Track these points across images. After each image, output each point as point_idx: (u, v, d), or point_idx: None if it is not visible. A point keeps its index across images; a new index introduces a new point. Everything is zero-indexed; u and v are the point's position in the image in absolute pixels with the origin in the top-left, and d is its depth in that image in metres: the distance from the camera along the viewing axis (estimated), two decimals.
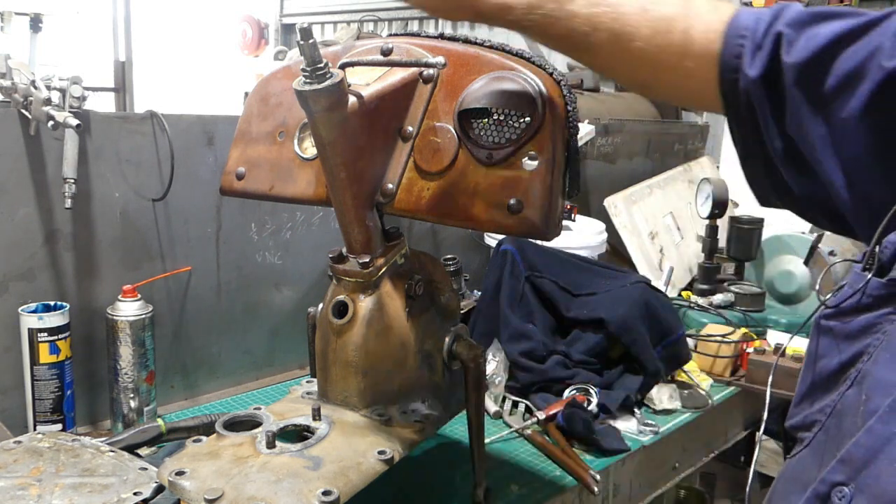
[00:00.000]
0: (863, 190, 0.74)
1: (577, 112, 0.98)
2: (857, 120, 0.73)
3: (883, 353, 0.64)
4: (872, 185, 0.73)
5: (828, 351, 0.71)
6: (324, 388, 1.07)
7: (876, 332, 0.66)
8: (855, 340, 0.68)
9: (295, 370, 1.76)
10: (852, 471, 0.62)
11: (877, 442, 0.61)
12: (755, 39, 0.79)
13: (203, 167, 1.52)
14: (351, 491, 0.89)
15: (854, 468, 0.62)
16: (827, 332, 0.72)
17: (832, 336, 0.71)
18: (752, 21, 0.81)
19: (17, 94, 1.25)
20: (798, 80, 0.76)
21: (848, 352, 0.68)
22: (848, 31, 0.74)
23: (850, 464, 0.62)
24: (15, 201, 1.29)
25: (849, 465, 0.63)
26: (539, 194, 0.93)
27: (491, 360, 1.55)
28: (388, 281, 1.04)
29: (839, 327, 0.71)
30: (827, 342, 0.72)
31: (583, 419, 1.39)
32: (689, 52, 0.83)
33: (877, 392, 0.63)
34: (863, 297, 0.68)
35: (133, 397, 1.36)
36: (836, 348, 0.70)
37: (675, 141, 3.17)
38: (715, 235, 2.37)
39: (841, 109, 0.74)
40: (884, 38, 0.72)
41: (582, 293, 1.66)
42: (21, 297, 1.31)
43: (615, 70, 0.90)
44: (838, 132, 0.74)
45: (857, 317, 0.69)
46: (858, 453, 0.62)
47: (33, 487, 1.01)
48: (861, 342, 0.67)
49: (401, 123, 1.02)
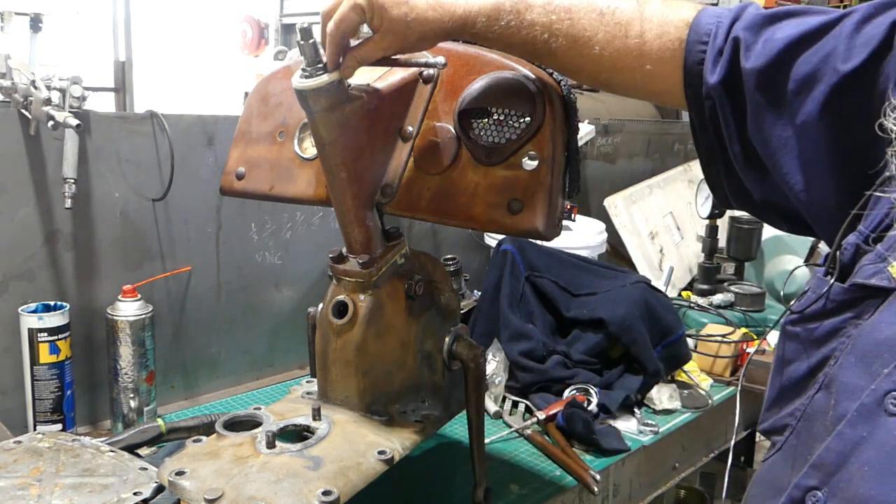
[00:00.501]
0: (821, 193, 0.75)
1: (577, 112, 0.98)
2: (814, 122, 0.73)
3: (849, 356, 0.65)
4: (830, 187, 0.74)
5: (795, 356, 0.72)
6: (324, 388, 1.07)
7: (841, 337, 0.67)
8: (821, 345, 0.69)
9: (295, 370, 1.76)
10: (824, 475, 0.63)
11: (846, 446, 0.61)
12: (715, 45, 0.80)
13: (203, 167, 1.52)
14: (351, 491, 0.89)
15: (826, 473, 0.63)
16: (793, 337, 0.73)
17: (798, 341, 0.72)
18: (714, 24, 0.81)
19: (17, 94, 1.25)
20: (758, 86, 0.77)
21: (815, 357, 0.69)
22: (805, 35, 0.75)
23: (822, 468, 0.63)
24: (15, 201, 1.29)
25: (821, 469, 0.63)
26: (539, 194, 0.93)
27: (491, 360, 1.55)
28: (388, 281, 1.04)
29: (805, 333, 0.71)
30: (793, 347, 0.72)
31: (583, 419, 1.39)
32: (647, 56, 0.84)
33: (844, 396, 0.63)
34: (826, 302, 0.69)
35: (133, 397, 1.36)
36: (803, 353, 0.71)
37: (675, 141, 3.17)
38: (715, 235, 2.37)
39: (799, 113, 0.74)
40: (838, 42, 0.72)
41: (582, 293, 1.66)
42: (21, 297, 1.31)
43: (578, 73, 0.91)
44: (797, 135, 0.75)
45: (822, 322, 0.69)
46: (829, 458, 0.63)
47: (33, 487, 1.01)
48: (827, 347, 0.68)
49: (401, 123, 1.02)
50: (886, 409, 0.59)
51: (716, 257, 2.40)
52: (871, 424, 0.60)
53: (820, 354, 0.68)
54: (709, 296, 2.28)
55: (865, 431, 0.60)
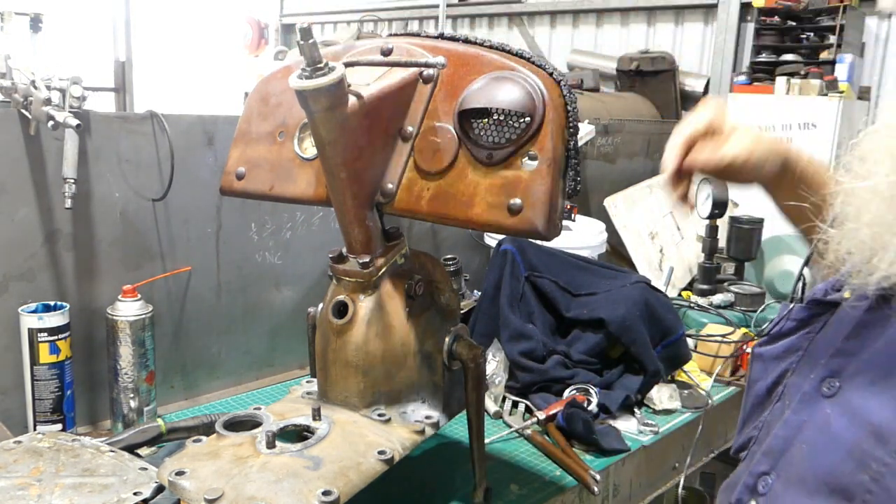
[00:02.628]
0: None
1: (577, 112, 0.98)
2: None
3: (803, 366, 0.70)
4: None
5: (760, 375, 0.77)
6: (324, 388, 1.07)
7: (797, 350, 0.73)
8: (780, 360, 0.75)
9: (295, 370, 1.76)
10: (773, 460, 0.68)
11: (790, 431, 0.67)
12: None
13: (203, 167, 1.52)
14: (351, 491, 0.89)
15: (774, 457, 0.68)
16: (758, 357, 0.79)
17: (762, 361, 0.78)
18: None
19: (17, 94, 1.25)
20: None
21: (775, 372, 0.75)
22: None
23: (771, 454, 0.69)
24: (15, 201, 1.29)
25: (769, 455, 0.70)
26: (539, 194, 0.93)
27: (491, 360, 1.55)
28: (388, 281, 1.04)
29: (768, 352, 0.77)
30: (759, 367, 0.78)
31: (583, 419, 1.39)
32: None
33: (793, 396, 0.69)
34: (787, 321, 0.76)
35: (133, 397, 1.36)
36: (765, 371, 0.76)
37: None
38: (715, 235, 2.37)
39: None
40: None
41: (582, 293, 1.66)
42: (21, 297, 1.31)
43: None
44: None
45: (783, 340, 0.75)
46: (777, 444, 0.69)
47: (33, 487, 1.01)
48: (786, 361, 0.74)
49: (401, 123, 1.02)
50: (822, 393, 0.65)
51: (716, 257, 2.40)
52: (811, 409, 0.65)
53: (780, 369, 0.74)
54: (709, 296, 2.28)
55: (806, 416, 0.66)
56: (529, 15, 6.35)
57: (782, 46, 4.96)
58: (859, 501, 0.58)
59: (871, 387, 0.61)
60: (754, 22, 5.07)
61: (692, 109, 1.02)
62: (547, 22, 6.27)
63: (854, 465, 0.59)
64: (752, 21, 5.09)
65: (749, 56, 5.08)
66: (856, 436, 0.60)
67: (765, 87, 4.65)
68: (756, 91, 4.59)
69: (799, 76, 4.57)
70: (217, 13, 8.01)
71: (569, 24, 6.15)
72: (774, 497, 0.66)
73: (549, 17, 6.24)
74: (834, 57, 4.64)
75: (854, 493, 0.58)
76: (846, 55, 4.60)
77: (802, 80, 4.40)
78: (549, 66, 0.99)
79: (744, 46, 5.14)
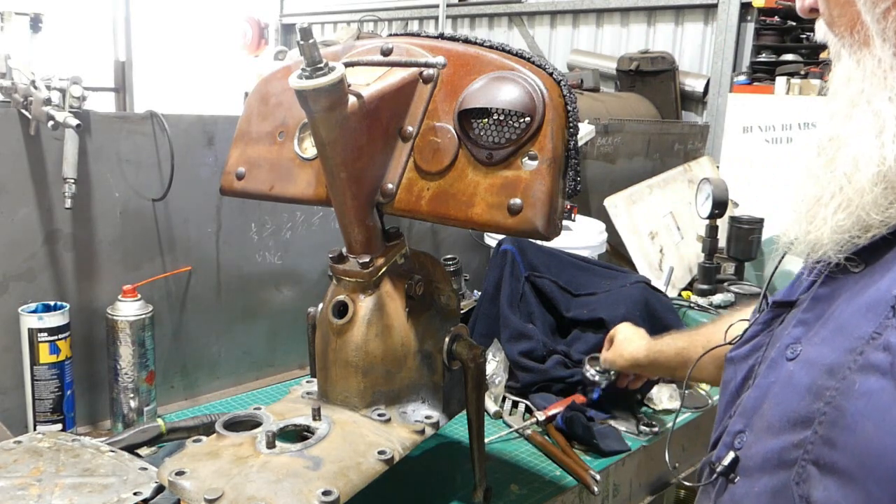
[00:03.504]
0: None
1: (577, 112, 0.98)
2: None
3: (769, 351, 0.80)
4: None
5: (731, 376, 0.86)
6: (324, 388, 1.07)
7: (762, 347, 0.82)
8: (748, 359, 0.84)
9: (295, 370, 1.76)
10: (746, 419, 0.77)
11: (761, 392, 0.76)
12: None
13: (203, 167, 1.52)
14: (351, 491, 0.89)
15: (747, 416, 0.77)
16: (730, 361, 0.88)
17: (733, 364, 0.87)
18: None
19: (17, 94, 1.25)
20: None
21: (744, 369, 0.84)
22: None
23: (745, 414, 0.77)
24: (15, 201, 1.29)
25: (744, 415, 0.78)
26: (539, 194, 0.93)
27: (491, 360, 1.55)
28: (388, 281, 1.04)
29: (737, 354, 0.87)
30: (730, 369, 0.87)
31: (583, 423, 1.39)
32: None
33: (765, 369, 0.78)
34: (754, 326, 0.86)
35: (133, 397, 1.36)
36: (735, 372, 0.85)
37: (675, 141, 3.18)
38: (715, 235, 2.37)
39: None
40: None
41: (582, 293, 1.66)
42: (21, 297, 1.31)
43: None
44: None
45: (750, 342, 0.85)
46: (749, 403, 0.77)
47: (33, 487, 1.01)
48: (752, 358, 0.83)
49: (401, 123, 1.02)
50: (786, 356, 0.74)
51: (716, 257, 2.40)
52: (777, 371, 0.75)
53: (747, 366, 0.83)
54: (709, 296, 2.28)
55: (773, 377, 0.75)
56: (529, 15, 6.35)
57: (782, 46, 4.96)
58: (816, 424, 0.66)
59: (825, 342, 0.70)
60: (754, 22, 5.07)
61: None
62: (547, 22, 6.27)
63: (811, 398, 0.67)
64: (752, 21, 5.09)
65: (749, 56, 5.08)
66: (812, 377, 0.68)
67: (765, 87, 4.65)
68: (756, 91, 4.59)
69: (799, 76, 4.57)
70: (217, 13, 8.01)
71: (569, 24, 6.15)
72: (748, 447, 0.75)
73: (549, 17, 6.24)
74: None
75: (811, 418, 0.66)
76: None
77: (802, 80, 4.40)
78: (549, 66, 0.99)
79: (744, 46, 5.14)
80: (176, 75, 7.08)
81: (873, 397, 0.62)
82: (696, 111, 5.38)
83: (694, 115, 5.37)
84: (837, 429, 0.64)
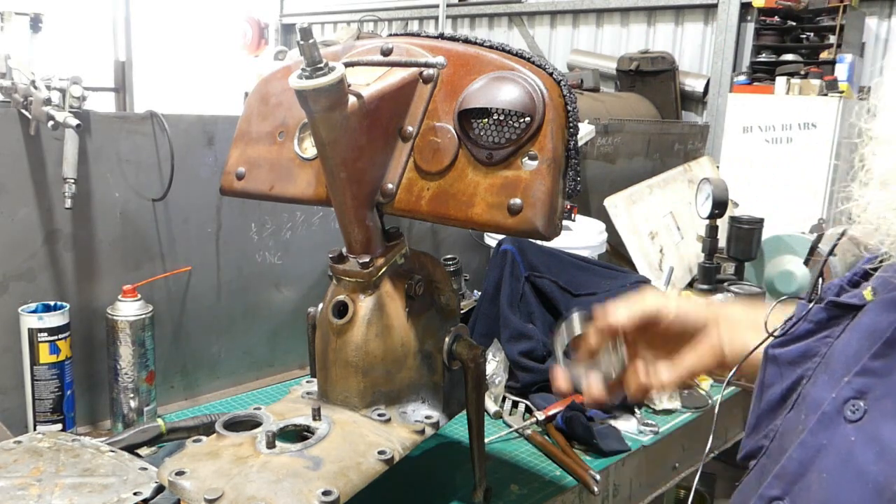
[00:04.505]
0: None
1: (577, 112, 0.98)
2: None
3: (821, 374, 0.65)
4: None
5: (774, 379, 0.72)
6: (324, 388, 1.07)
7: (814, 356, 0.68)
8: (796, 366, 0.69)
9: (295, 370, 1.76)
10: (786, 484, 0.63)
11: (807, 455, 0.61)
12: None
13: (203, 167, 1.52)
14: (351, 491, 0.89)
15: (787, 482, 0.63)
16: (773, 360, 0.73)
17: (777, 364, 0.72)
18: None
19: (17, 94, 1.25)
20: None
21: (790, 377, 0.70)
22: None
23: (784, 478, 0.63)
24: (15, 201, 1.29)
25: (783, 479, 0.63)
26: (539, 194, 0.93)
27: (491, 360, 1.55)
28: (388, 281, 1.04)
29: (783, 354, 0.72)
30: (773, 370, 0.73)
31: (583, 423, 1.39)
32: None
33: (812, 410, 0.64)
34: (805, 323, 0.71)
35: (133, 397, 1.36)
36: (779, 375, 0.71)
37: (675, 141, 3.18)
38: (715, 235, 2.37)
39: None
40: None
41: (582, 293, 1.66)
42: (21, 297, 1.31)
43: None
44: None
45: (799, 343, 0.70)
46: (791, 467, 0.63)
47: (33, 487, 1.01)
48: (802, 367, 0.69)
49: (401, 123, 1.02)
50: (845, 416, 0.59)
51: (716, 257, 2.40)
52: (831, 432, 0.60)
53: (795, 375, 0.69)
54: (709, 296, 2.27)
55: (826, 439, 0.60)
56: (529, 15, 6.35)
57: (782, 46, 4.97)
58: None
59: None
60: (754, 22, 5.07)
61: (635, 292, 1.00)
62: (547, 22, 6.27)
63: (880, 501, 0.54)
64: (752, 21, 5.10)
65: (749, 56, 5.09)
66: (884, 472, 0.53)
67: (765, 86, 4.66)
68: (756, 91, 4.60)
69: (799, 76, 4.58)
70: (217, 13, 8.02)
71: (569, 24, 6.15)
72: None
73: (549, 17, 6.24)
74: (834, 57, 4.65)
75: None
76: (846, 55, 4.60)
77: (802, 80, 4.41)
78: (549, 66, 0.99)
79: (744, 46, 5.15)
80: (176, 75, 7.08)
81: None
82: (696, 111, 5.38)
83: (694, 115, 5.37)
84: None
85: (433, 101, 1.01)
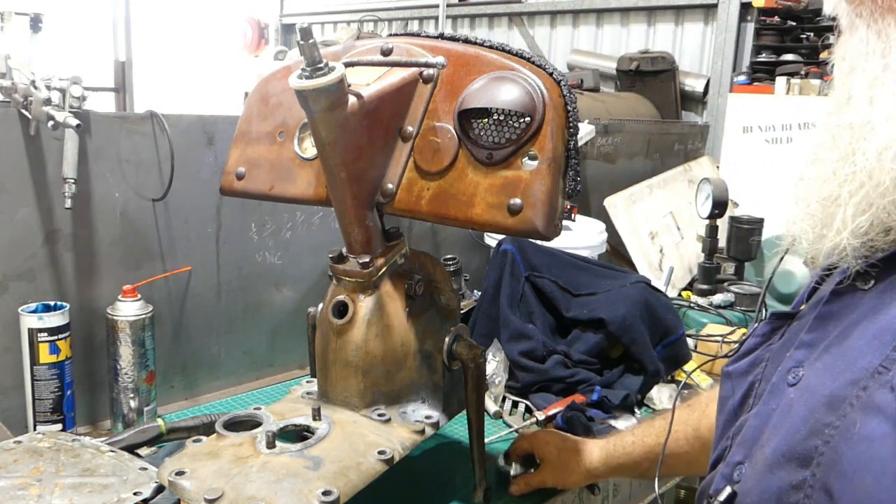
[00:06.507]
0: None
1: (577, 112, 0.98)
2: None
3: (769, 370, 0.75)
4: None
5: (729, 392, 0.81)
6: (324, 388, 1.07)
7: (762, 363, 0.77)
8: (748, 374, 0.78)
9: (295, 370, 1.76)
10: (746, 449, 0.71)
11: (761, 420, 0.70)
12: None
13: (203, 167, 1.52)
14: (351, 491, 0.89)
15: (747, 447, 0.71)
16: (727, 375, 0.82)
17: (730, 378, 0.81)
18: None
19: (17, 94, 1.25)
20: None
21: (743, 387, 0.78)
22: None
23: (745, 444, 0.72)
24: (15, 201, 1.29)
25: (744, 445, 0.72)
26: (539, 194, 0.93)
27: (491, 360, 1.55)
28: (388, 281, 1.04)
29: (735, 369, 0.81)
30: (727, 385, 0.82)
31: (583, 423, 1.39)
32: None
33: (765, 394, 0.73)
34: (752, 338, 0.81)
35: (133, 397, 1.36)
36: (733, 388, 0.80)
37: (675, 141, 3.18)
38: (715, 235, 2.37)
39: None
40: None
41: (582, 293, 1.66)
42: (21, 297, 1.31)
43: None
44: None
45: (749, 356, 0.80)
46: (749, 433, 0.72)
47: (33, 487, 1.01)
48: (752, 374, 0.78)
49: (401, 123, 1.02)
50: (788, 381, 0.69)
51: (716, 257, 2.40)
52: (778, 398, 0.69)
53: (747, 382, 0.78)
54: (709, 296, 2.28)
55: (774, 404, 0.69)
56: (529, 15, 6.35)
57: (782, 46, 4.96)
58: (814, 465, 0.61)
59: (827, 369, 0.64)
60: (754, 22, 5.07)
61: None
62: (547, 22, 6.27)
63: (808, 432, 0.62)
64: (752, 21, 5.09)
65: (749, 56, 5.08)
66: (810, 407, 0.63)
67: (765, 87, 4.65)
68: (756, 91, 4.60)
69: (799, 76, 4.57)
70: (217, 13, 8.01)
71: (569, 24, 6.15)
72: (746, 481, 0.69)
73: (549, 17, 6.24)
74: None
75: (809, 457, 0.61)
76: None
77: (802, 80, 4.41)
78: (549, 66, 0.99)
79: (744, 46, 5.14)
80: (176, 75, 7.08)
81: (874, 445, 0.56)
82: (696, 111, 5.38)
83: (694, 115, 5.37)
84: (834, 474, 0.59)
85: (433, 101, 1.01)
